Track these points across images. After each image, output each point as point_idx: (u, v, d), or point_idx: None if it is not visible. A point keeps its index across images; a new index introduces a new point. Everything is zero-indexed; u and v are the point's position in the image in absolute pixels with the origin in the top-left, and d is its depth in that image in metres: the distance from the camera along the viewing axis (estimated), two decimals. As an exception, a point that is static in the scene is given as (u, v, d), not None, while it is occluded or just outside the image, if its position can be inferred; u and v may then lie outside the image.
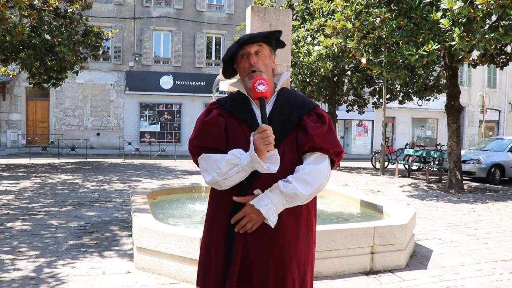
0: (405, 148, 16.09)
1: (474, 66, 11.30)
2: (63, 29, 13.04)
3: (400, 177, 13.49)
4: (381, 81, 15.82)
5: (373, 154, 17.22)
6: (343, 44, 9.92)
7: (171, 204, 6.09)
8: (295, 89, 12.84)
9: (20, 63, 12.97)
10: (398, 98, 17.48)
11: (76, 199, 7.86)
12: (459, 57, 10.13)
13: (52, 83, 14.57)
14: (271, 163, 1.70)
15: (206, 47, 24.02)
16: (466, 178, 12.68)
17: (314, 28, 13.04)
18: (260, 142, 1.65)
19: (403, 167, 15.74)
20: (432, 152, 13.60)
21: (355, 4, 9.40)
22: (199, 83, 23.40)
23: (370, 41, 9.24)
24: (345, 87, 17.13)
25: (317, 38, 12.50)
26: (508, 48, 11.79)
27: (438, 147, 18.61)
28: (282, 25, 4.60)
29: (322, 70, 12.68)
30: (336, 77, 16.00)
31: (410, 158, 14.45)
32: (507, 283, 4.08)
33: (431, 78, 15.81)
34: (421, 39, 8.20)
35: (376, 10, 8.72)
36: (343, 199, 6.43)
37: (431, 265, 4.52)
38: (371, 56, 9.29)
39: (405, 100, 17.31)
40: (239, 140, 1.79)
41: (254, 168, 1.71)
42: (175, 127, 23.69)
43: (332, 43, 10.49)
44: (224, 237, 1.80)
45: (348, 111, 18.81)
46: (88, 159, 17.01)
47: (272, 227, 1.75)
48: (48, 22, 12.65)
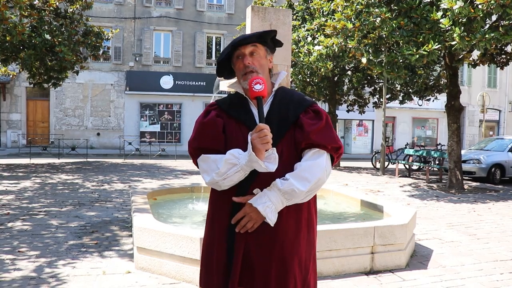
0: (406, 148, 16.07)
1: (474, 66, 11.30)
2: (63, 29, 13.05)
3: (401, 177, 13.49)
4: (381, 81, 15.82)
5: (374, 154, 17.21)
6: (343, 44, 9.91)
7: (171, 204, 6.09)
8: (295, 89, 12.84)
9: (20, 63, 12.97)
10: (399, 98, 17.49)
11: (77, 199, 7.86)
12: (460, 57, 10.12)
13: (53, 83, 14.58)
14: (270, 162, 1.70)
15: (206, 47, 24.02)
16: (467, 178, 12.67)
17: (315, 28, 13.04)
18: (258, 141, 1.65)
19: (404, 167, 15.74)
20: (433, 152, 13.59)
21: (355, 4, 9.40)
22: (199, 83, 23.41)
23: (371, 41, 9.24)
24: (345, 87, 17.13)
25: (317, 38, 12.50)
26: (509, 48, 11.79)
27: (439, 147, 18.60)
28: (282, 25, 4.59)
29: (322, 70, 12.68)
30: (336, 77, 16.00)
31: (411, 158, 14.44)
32: (508, 283, 4.08)
33: (432, 78, 15.80)
34: (422, 39, 8.20)
35: (377, 10, 8.72)
36: (344, 199, 6.43)
37: (432, 265, 4.52)
38: (372, 56, 9.29)
39: (406, 100, 17.31)
40: (238, 141, 1.80)
41: (253, 168, 1.72)
42: (175, 127, 23.69)
43: (332, 43, 10.49)
44: (225, 237, 1.81)
45: (349, 111, 18.81)
46: (88, 159, 17.01)
47: (272, 226, 1.75)
48: (48, 22, 12.66)
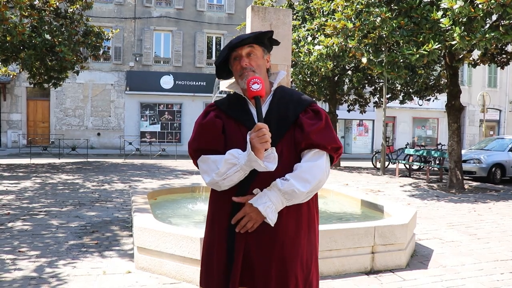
0: (406, 148, 16.06)
1: (475, 66, 11.29)
2: (64, 29, 13.06)
3: (401, 177, 13.49)
4: (382, 81, 15.82)
5: (374, 154, 17.21)
6: (344, 44, 9.91)
7: (172, 204, 6.09)
8: (296, 89, 12.82)
9: (21, 63, 12.98)
10: (399, 98, 17.49)
11: (77, 199, 7.86)
12: (460, 57, 10.12)
13: (53, 83, 14.59)
14: (269, 162, 1.70)
15: (207, 47, 24.03)
16: (467, 178, 12.67)
17: (315, 28, 13.03)
18: (257, 141, 1.65)
19: (404, 167, 15.73)
20: (433, 152, 13.58)
21: (356, 4, 9.40)
22: (200, 83, 23.41)
23: (371, 41, 9.23)
24: (346, 87, 17.13)
25: (318, 38, 12.50)
26: (509, 48, 11.79)
27: (439, 147, 18.59)
28: (283, 25, 4.59)
29: (323, 70, 12.67)
30: (337, 77, 16.00)
31: (411, 158, 14.43)
32: (508, 283, 4.07)
33: (432, 78, 15.80)
34: (422, 39, 8.19)
35: (377, 10, 8.71)
36: (344, 199, 6.43)
37: (432, 265, 4.52)
38: (372, 56, 9.29)
39: (406, 100, 17.30)
40: (237, 141, 1.80)
41: (252, 167, 1.72)
42: (176, 127, 23.70)
43: (333, 43, 10.48)
44: (225, 237, 1.81)
45: (350, 111, 18.81)
46: (89, 159, 17.02)
47: (272, 226, 1.75)
48: (49, 22, 12.66)
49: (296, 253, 1.80)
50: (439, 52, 8.45)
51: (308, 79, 15.20)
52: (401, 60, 8.80)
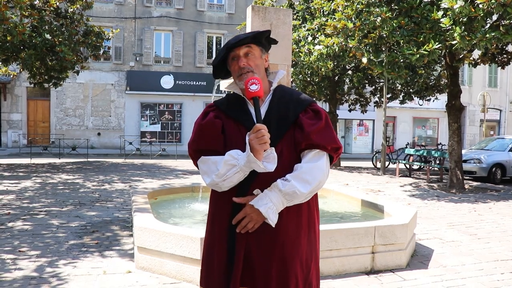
0: (406, 148, 16.06)
1: (475, 66, 11.29)
2: (64, 29, 13.06)
3: (401, 177, 13.48)
4: (382, 81, 15.82)
5: (374, 154, 17.20)
6: (344, 44, 9.91)
7: (172, 204, 6.09)
8: (296, 89, 12.82)
9: (21, 63, 12.99)
10: (399, 98, 17.48)
11: (77, 199, 7.86)
12: (460, 57, 10.12)
13: (53, 83, 14.59)
14: (268, 162, 1.70)
15: (207, 47, 24.03)
16: (467, 178, 12.67)
17: (315, 28, 13.03)
18: (256, 142, 1.65)
19: (404, 167, 15.72)
20: (433, 152, 13.58)
21: (356, 4, 9.39)
22: (200, 83, 23.41)
23: (371, 41, 9.23)
24: (346, 87, 17.13)
25: (318, 38, 12.49)
26: (510, 47, 11.78)
27: (439, 147, 18.59)
28: (283, 25, 4.59)
29: (323, 70, 12.67)
30: (337, 77, 16.00)
31: (411, 158, 14.43)
32: (508, 283, 4.07)
33: (432, 78, 15.79)
34: (422, 39, 8.19)
35: (377, 10, 8.71)
36: (344, 199, 6.42)
37: (432, 265, 4.52)
38: (372, 56, 9.28)
39: (406, 100, 17.30)
40: (237, 141, 1.79)
41: (252, 168, 1.71)
42: (176, 127, 23.70)
43: (333, 43, 10.48)
44: (226, 237, 1.81)
45: (351, 110, 18.81)
46: (89, 159, 17.02)
47: (273, 226, 1.75)
48: (49, 22, 12.66)
49: (296, 253, 1.80)
50: (440, 52, 8.45)
51: (309, 79, 15.20)
52: (402, 60, 8.79)
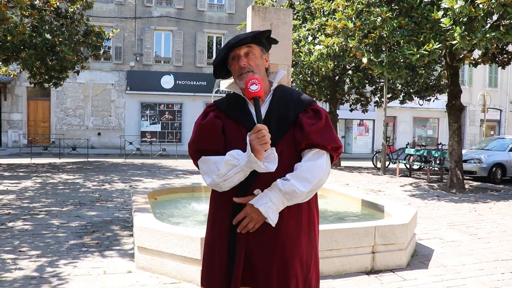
0: (406, 148, 16.06)
1: (475, 66, 11.28)
2: (64, 29, 13.06)
3: (401, 177, 13.48)
4: (382, 81, 15.82)
5: (374, 154, 17.20)
6: (344, 44, 9.91)
7: (172, 204, 6.09)
8: (296, 89, 12.82)
9: (21, 63, 12.98)
10: (399, 98, 17.48)
11: (77, 199, 7.87)
12: (460, 57, 10.12)
13: (53, 83, 14.59)
14: (269, 162, 1.70)
15: (207, 47, 24.03)
16: (467, 178, 12.67)
17: (315, 28, 13.03)
18: (256, 142, 1.65)
19: (404, 167, 15.71)
20: (433, 152, 13.58)
21: (356, 4, 9.39)
22: (200, 83, 23.41)
23: (371, 41, 9.23)
24: (346, 87, 17.13)
25: (318, 38, 12.49)
26: (510, 47, 11.77)
27: (439, 147, 18.59)
28: (283, 25, 4.59)
29: (323, 70, 12.66)
30: (337, 77, 16.00)
31: (411, 158, 14.43)
32: (508, 283, 4.07)
33: (432, 78, 15.79)
34: (422, 39, 8.19)
35: (377, 9, 8.71)
36: (344, 199, 6.43)
37: (432, 265, 4.52)
38: (372, 56, 9.28)
39: (406, 100, 17.30)
40: (237, 141, 1.80)
41: (252, 168, 1.71)
42: (176, 127, 23.70)
43: (333, 43, 10.48)
44: (227, 237, 1.81)
45: (352, 110, 18.81)
46: (89, 159, 17.02)
47: (273, 226, 1.75)
48: (49, 22, 12.67)
49: (297, 253, 1.80)
50: (440, 52, 8.44)
51: (309, 79, 15.19)
52: (402, 60, 8.79)
